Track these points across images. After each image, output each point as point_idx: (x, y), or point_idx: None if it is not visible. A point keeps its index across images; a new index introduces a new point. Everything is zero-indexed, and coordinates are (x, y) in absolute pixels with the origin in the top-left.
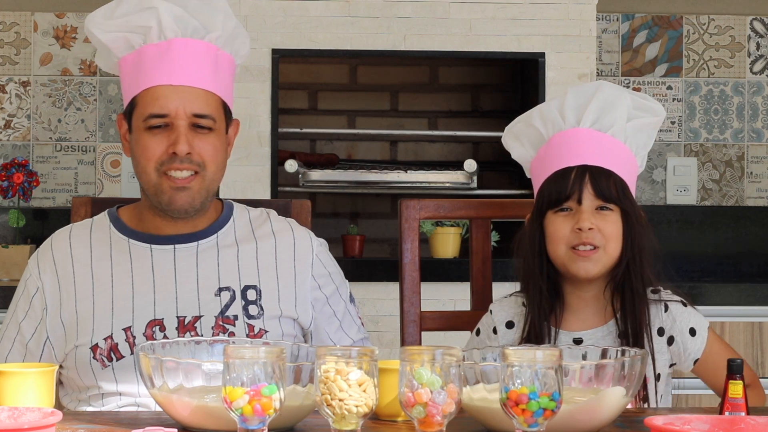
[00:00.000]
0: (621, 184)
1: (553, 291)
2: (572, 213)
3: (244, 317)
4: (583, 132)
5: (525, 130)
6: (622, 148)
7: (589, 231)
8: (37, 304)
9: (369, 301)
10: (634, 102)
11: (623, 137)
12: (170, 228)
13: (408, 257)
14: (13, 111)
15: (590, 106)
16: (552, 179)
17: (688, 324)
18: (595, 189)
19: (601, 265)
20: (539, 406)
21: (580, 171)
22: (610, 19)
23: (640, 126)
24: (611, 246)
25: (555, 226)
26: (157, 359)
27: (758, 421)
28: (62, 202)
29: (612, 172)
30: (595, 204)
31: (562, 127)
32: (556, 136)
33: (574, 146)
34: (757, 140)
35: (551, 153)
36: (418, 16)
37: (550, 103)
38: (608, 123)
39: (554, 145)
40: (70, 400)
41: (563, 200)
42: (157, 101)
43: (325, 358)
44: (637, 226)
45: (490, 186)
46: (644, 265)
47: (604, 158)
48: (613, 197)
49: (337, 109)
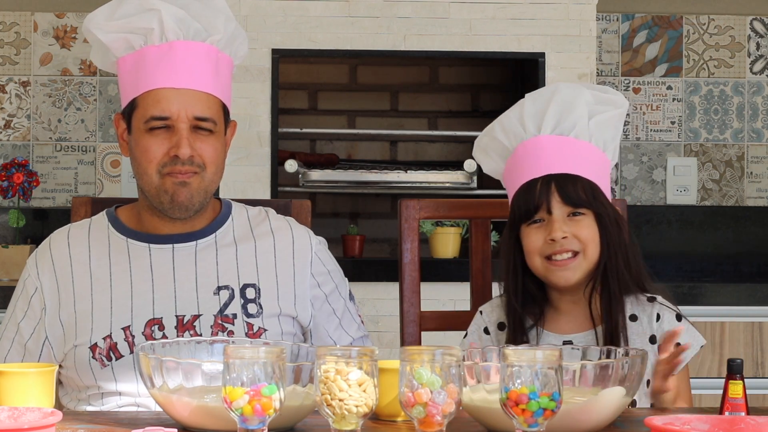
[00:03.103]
0: (590, 186)
1: (529, 297)
2: (544, 224)
3: (243, 316)
4: (545, 139)
5: (491, 144)
6: (588, 148)
7: (563, 240)
8: (36, 304)
9: (369, 301)
10: (595, 97)
11: (587, 136)
12: (169, 227)
13: (408, 257)
14: (13, 111)
15: (549, 111)
16: (520, 192)
17: (677, 337)
18: (563, 196)
19: (581, 271)
20: (539, 406)
21: (546, 181)
22: (610, 19)
23: (603, 121)
24: (590, 250)
25: (529, 239)
26: (157, 359)
27: (758, 421)
28: (62, 202)
29: (578, 176)
30: (566, 211)
31: (523, 136)
32: (519, 146)
33: (537, 156)
34: (757, 140)
35: (517, 164)
36: (418, 16)
37: (510, 114)
38: (569, 125)
39: (519, 155)
40: (70, 400)
41: (533, 212)
42: (159, 104)
43: (325, 358)
44: (611, 227)
45: (490, 186)
46: (621, 265)
47: (569, 163)
48: (583, 201)
49: (337, 109)
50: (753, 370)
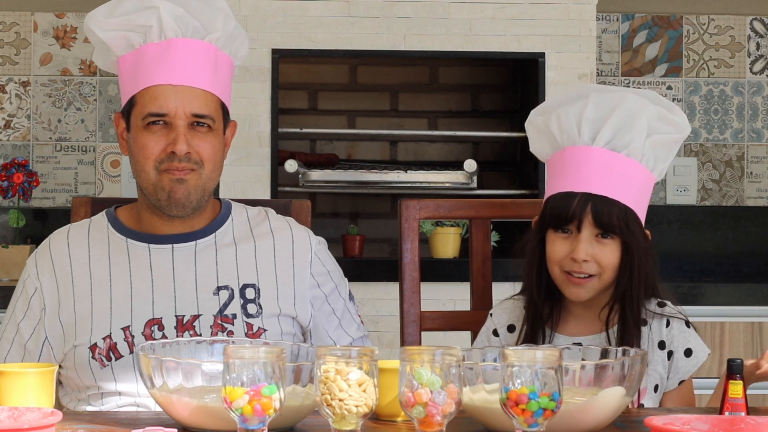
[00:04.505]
0: (625, 213)
1: (550, 295)
2: (571, 237)
3: (242, 316)
4: (596, 152)
5: (544, 130)
6: (636, 168)
7: (584, 262)
8: (36, 305)
9: (369, 301)
10: (659, 113)
11: (639, 156)
12: (168, 227)
13: (408, 257)
14: (13, 111)
15: (609, 123)
16: (557, 199)
17: (686, 344)
18: (596, 220)
19: (594, 291)
20: (539, 406)
21: (584, 198)
22: (610, 19)
23: (660, 142)
24: (606, 275)
25: (553, 246)
26: (157, 359)
27: (758, 421)
28: (62, 202)
29: (617, 202)
30: (595, 232)
31: (576, 141)
32: (569, 148)
33: (584, 167)
34: (757, 140)
35: (562, 164)
36: (418, 16)
37: (569, 110)
38: (625, 142)
39: (567, 157)
40: (70, 400)
41: (564, 223)
42: (157, 100)
43: (325, 358)
44: (636, 257)
45: (490, 186)
46: (641, 294)
47: (612, 184)
48: (614, 228)
49: (337, 109)
50: None
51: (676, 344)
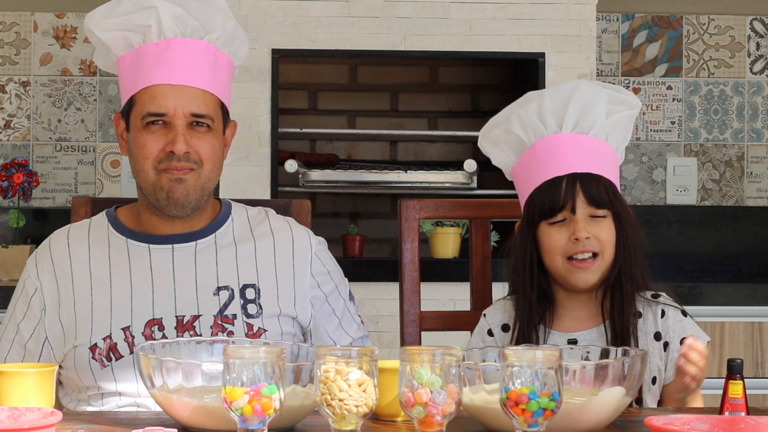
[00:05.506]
0: (610, 186)
1: (543, 295)
2: (566, 223)
3: (242, 316)
4: (566, 137)
5: (504, 136)
6: (605, 146)
7: (586, 240)
8: (36, 305)
9: (369, 301)
10: (610, 96)
11: (604, 135)
12: (168, 228)
13: (408, 257)
14: (13, 111)
15: (570, 109)
16: (542, 189)
17: (682, 333)
18: (587, 197)
19: (600, 273)
20: (539, 406)
21: (570, 179)
22: (610, 19)
23: (618, 120)
24: (608, 252)
25: (550, 238)
26: (157, 359)
27: (758, 421)
28: (62, 202)
29: (601, 176)
30: (588, 212)
31: (544, 133)
32: (538, 142)
33: (559, 153)
34: (757, 140)
35: (536, 160)
36: (418, 16)
37: (528, 108)
38: (589, 124)
39: (538, 152)
40: (70, 400)
41: (557, 210)
42: (156, 100)
43: (325, 358)
44: (629, 229)
45: (490, 186)
46: (634, 266)
47: (590, 162)
48: (605, 202)
49: (337, 109)
50: (753, 370)
51: (672, 335)
